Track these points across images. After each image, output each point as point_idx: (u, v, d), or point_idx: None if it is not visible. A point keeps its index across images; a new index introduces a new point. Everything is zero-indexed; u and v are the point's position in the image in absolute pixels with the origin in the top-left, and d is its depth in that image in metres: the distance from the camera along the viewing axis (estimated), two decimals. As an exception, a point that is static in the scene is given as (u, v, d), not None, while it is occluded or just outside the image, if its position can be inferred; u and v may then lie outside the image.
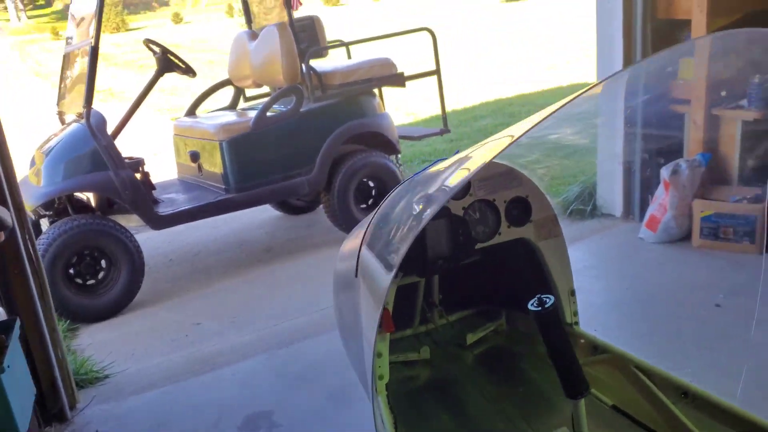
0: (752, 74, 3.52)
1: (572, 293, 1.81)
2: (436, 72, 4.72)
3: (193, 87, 11.27)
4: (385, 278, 1.22)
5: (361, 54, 4.93)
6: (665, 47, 4.05)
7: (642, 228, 4.01)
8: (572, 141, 4.38)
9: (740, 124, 3.73)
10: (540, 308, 1.14)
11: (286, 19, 4.37)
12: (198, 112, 4.94)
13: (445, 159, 1.47)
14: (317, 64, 4.58)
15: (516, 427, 1.72)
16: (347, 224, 4.51)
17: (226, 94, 5.45)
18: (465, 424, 1.78)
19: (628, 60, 4.04)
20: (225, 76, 5.06)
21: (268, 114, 4.24)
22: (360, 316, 1.48)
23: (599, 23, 4.19)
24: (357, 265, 1.51)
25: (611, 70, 4.14)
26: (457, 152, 1.47)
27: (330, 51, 5.11)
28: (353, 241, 1.73)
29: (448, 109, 4.96)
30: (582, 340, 1.75)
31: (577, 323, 1.80)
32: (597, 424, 1.31)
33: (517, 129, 1.31)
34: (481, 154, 1.25)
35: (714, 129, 3.84)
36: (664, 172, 3.86)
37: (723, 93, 3.78)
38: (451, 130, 5.08)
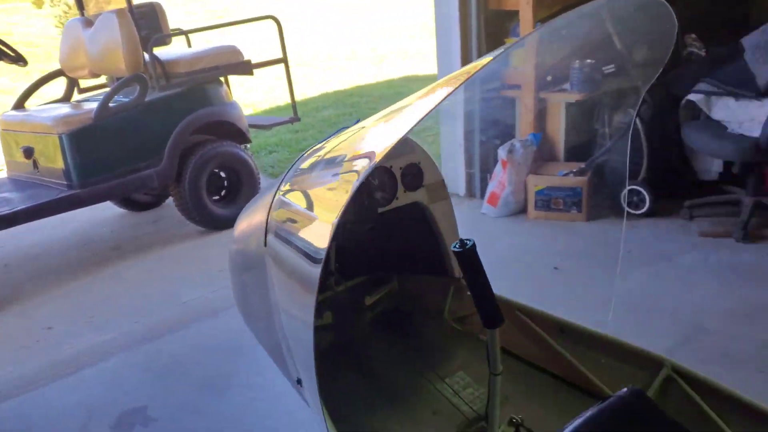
0: (574, 59, 3.94)
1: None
2: (284, 60, 4.74)
3: None
4: (315, 256, 1.26)
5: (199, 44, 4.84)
6: (496, 35, 4.40)
7: (484, 204, 4.34)
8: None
9: (564, 106, 4.17)
10: (462, 249, 1.26)
11: (124, 4, 4.18)
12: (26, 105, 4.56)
13: (348, 128, 1.54)
14: (161, 52, 4.42)
15: (418, 375, 1.85)
16: (200, 217, 4.42)
17: (52, 89, 5.08)
18: (372, 379, 1.87)
19: (465, 49, 4.34)
20: (38, 70, 4.71)
21: (111, 104, 4.04)
22: (272, 290, 1.52)
23: (437, 16, 4.45)
24: (266, 235, 1.54)
25: (450, 59, 4.42)
26: (358, 121, 1.55)
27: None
28: (253, 216, 1.75)
29: (288, 100, 5.00)
30: (468, 292, 1.91)
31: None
32: (486, 366, 1.46)
33: (415, 101, 1.41)
34: (391, 124, 1.33)
35: (543, 111, 4.25)
36: (501, 152, 4.21)
37: (549, 78, 4.20)
38: (300, 118, 5.13)
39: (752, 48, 3.70)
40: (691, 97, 3.78)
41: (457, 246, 1.26)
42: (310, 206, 1.52)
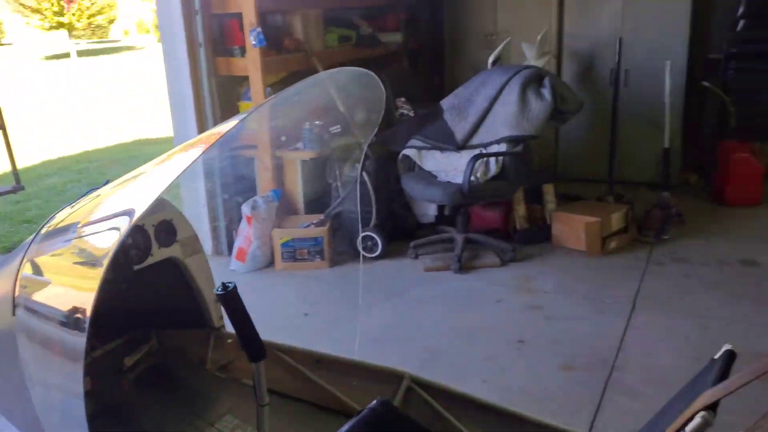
0: (304, 121, 4.29)
1: (217, 300, 2.06)
2: (1, 126, 4.41)
3: None
4: (76, 324, 1.27)
5: None
6: (229, 99, 4.60)
7: (232, 260, 4.44)
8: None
9: (299, 163, 4.50)
10: (224, 291, 1.39)
11: None
12: None
13: (97, 189, 1.57)
14: None
15: (187, 425, 1.88)
16: None
17: None
18: None
19: (200, 112, 4.46)
20: None
21: None
22: (25, 365, 1.48)
23: (169, 80, 4.52)
24: (13, 309, 1.50)
25: (185, 122, 4.50)
26: (107, 182, 1.59)
27: None
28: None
29: (7, 168, 4.64)
30: (229, 340, 2.03)
31: (223, 326, 2.07)
32: (252, 406, 1.59)
33: (159, 164, 1.52)
34: (141, 185, 1.42)
35: (280, 168, 4.53)
36: (245, 209, 4.37)
37: (283, 138, 4.49)
38: (24, 187, 4.76)
39: (449, 109, 4.40)
40: (406, 151, 4.35)
41: (219, 289, 1.39)
42: (63, 273, 1.53)
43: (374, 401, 1.58)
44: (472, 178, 3.91)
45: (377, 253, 4.38)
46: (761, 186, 4.92)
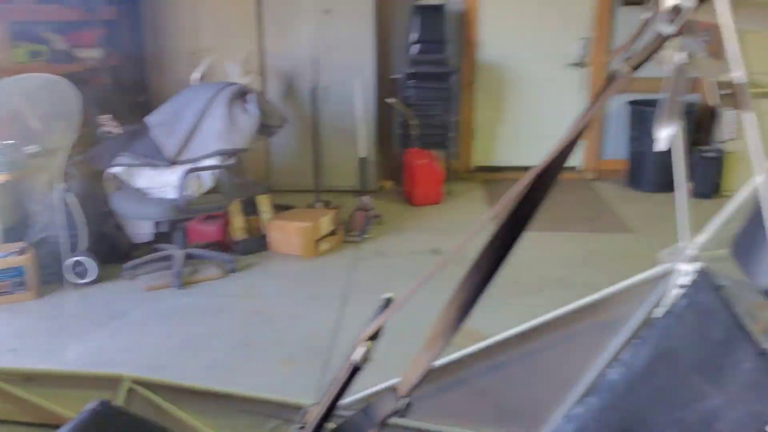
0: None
1: None
2: None
3: None
4: None
5: None
6: None
7: None
8: None
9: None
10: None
11: None
12: None
13: None
14: None
15: None
16: None
17: None
18: None
19: None
20: None
21: None
22: None
23: None
24: None
25: None
26: None
27: None
28: None
29: None
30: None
31: None
32: None
33: None
34: None
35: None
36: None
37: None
38: None
39: (157, 126, 4.40)
40: (113, 170, 4.23)
41: None
42: None
43: (92, 403, 1.61)
44: (186, 192, 3.98)
45: (90, 278, 4.19)
46: (441, 187, 5.75)
